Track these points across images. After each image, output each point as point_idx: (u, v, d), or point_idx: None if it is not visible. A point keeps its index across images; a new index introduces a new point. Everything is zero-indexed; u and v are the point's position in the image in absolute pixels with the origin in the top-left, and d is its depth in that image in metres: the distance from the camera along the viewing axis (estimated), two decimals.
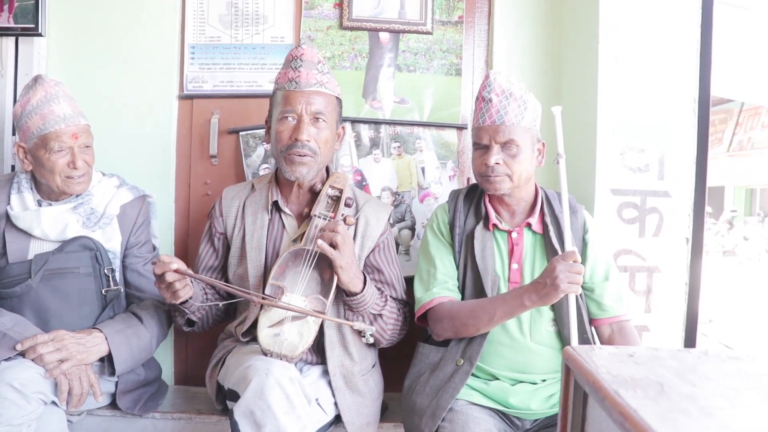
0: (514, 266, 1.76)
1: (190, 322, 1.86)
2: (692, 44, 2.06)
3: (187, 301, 1.68)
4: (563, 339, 1.71)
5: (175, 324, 1.90)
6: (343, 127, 1.91)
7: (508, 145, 1.70)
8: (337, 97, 1.83)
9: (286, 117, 1.74)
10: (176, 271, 1.57)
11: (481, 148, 1.74)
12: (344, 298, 1.75)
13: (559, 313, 1.72)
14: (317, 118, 1.75)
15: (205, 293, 1.84)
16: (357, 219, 1.83)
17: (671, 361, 0.91)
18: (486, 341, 1.70)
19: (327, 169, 1.90)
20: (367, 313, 1.77)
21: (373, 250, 1.85)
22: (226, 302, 1.79)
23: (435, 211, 1.90)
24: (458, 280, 1.79)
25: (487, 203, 1.80)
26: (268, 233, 1.83)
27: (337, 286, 1.69)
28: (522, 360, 1.72)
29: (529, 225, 1.78)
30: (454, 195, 1.88)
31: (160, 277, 1.58)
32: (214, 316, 1.91)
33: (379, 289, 1.83)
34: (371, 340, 1.59)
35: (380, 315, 1.80)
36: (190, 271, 1.60)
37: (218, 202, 1.92)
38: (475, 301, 1.71)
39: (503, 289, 1.74)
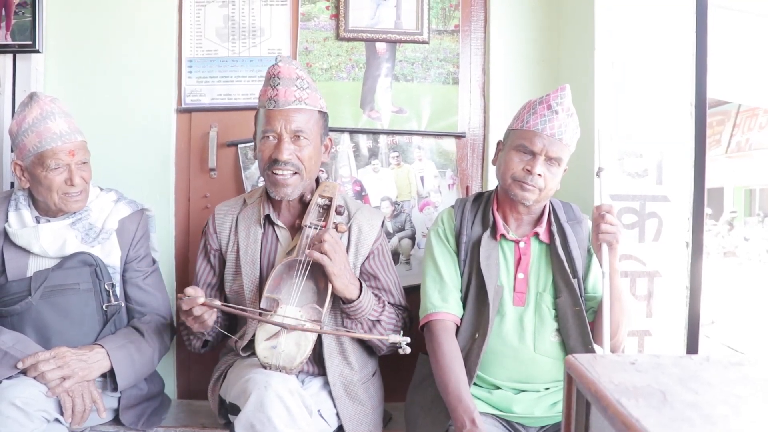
0: (520, 276, 1.74)
1: (205, 343, 1.88)
2: (688, 48, 2.06)
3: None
4: (567, 349, 1.70)
5: (190, 348, 1.90)
6: (330, 139, 1.90)
7: (553, 161, 1.68)
8: (319, 111, 1.81)
9: (267, 136, 1.75)
10: (203, 304, 1.58)
11: (526, 153, 1.69)
12: (341, 306, 1.74)
13: (563, 324, 1.71)
14: (298, 136, 1.74)
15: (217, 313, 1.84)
16: (350, 227, 1.83)
17: (673, 368, 0.90)
18: (487, 352, 1.70)
19: (317, 180, 1.90)
20: (365, 319, 1.76)
21: (368, 257, 1.85)
22: (229, 335, 1.81)
23: (441, 216, 1.87)
24: (462, 289, 1.78)
25: (496, 212, 1.79)
26: (261, 247, 1.83)
27: (334, 294, 1.69)
28: (525, 370, 1.71)
29: (536, 234, 1.76)
30: (461, 203, 1.87)
31: (187, 312, 1.59)
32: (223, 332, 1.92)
33: (376, 295, 1.83)
34: (408, 350, 1.52)
35: (378, 321, 1.79)
36: (217, 302, 1.62)
37: (211, 219, 1.93)
38: (451, 361, 1.64)
39: (507, 300, 1.73)
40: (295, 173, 1.75)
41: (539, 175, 1.67)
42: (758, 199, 16.66)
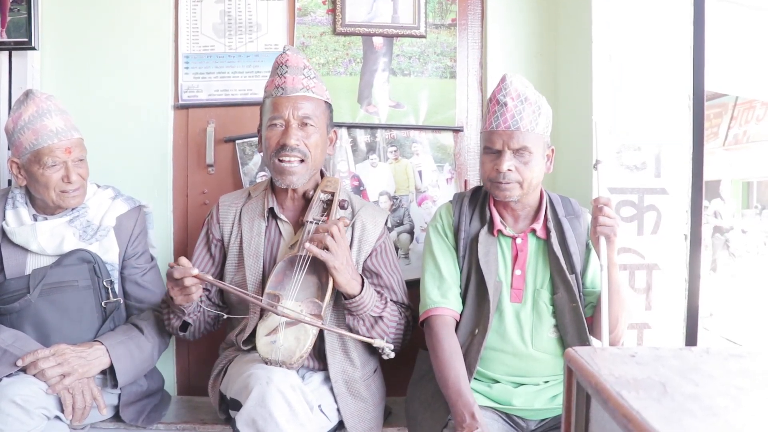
0: (517, 272, 1.74)
1: (183, 326, 1.83)
2: (685, 40, 2.06)
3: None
4: (564, 346, 1.70)
5: (168, 328, 1.86)
6: (335, 132, 1.91)
7: (521, 151, 1.66)
8: (326, 102, 1.82)
9: (275, 123, 1.75)
10: (196, 276, 1.58)
11: (492, 153, 1.69)
12: (343, 302, 1.74)
13: (560, 320, 1.71)
14: (305, 123, 1.75)
15: (200, 299, 1.83)
16: (353, 223, 1.82)
17: (673, 360, 0.91)
18: (486, 348, 1.70)
19: (322, 174, 1.90)
20: (367, 316, 1.76)
21: (370, 254, 1.84)
22: (219, 313, 1.81)
23: (439, 211, 1.87)
24: (461, 285, 1.78)
25: (492, 207, 1.77)
26: (265, 240, 1.83)
27: (335, 289, 1.68)
28: (524, 367, 1.71)
29: (533, 231, 1.75)
30: (459, 198, 1.86)
31: (177, 281, 1.58)
32: (205, 322, 1.89)
33: (379, 293, 1.82)
34: (392, 355, 1.57)
35: (381, 317, 1.78)
36: (210, 277, 1.62)
37: (215, 209, 1.92)
38: (450, 356, 1.64)
39: (505, 296, 1.73)
40: (302, 161, 1.75)
41: (509, 170, 1.66)
42: (756, 191, 16.67)
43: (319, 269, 1.69)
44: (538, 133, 1.69)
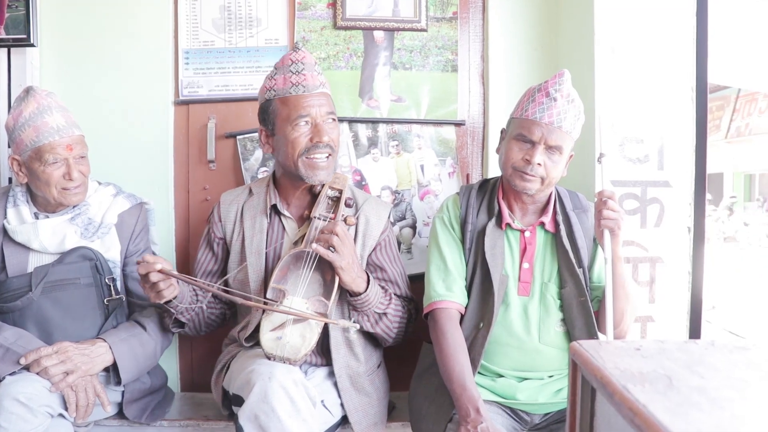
0: (525, 266, 1.73)
1: (178, 323, 1.84)
2: (688, 33, 2.05)
3: (171, 300, 1.67)
4: (571, 339, 1.69)
5: (163, 324, 1.87)
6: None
7: (554, 149, 1.66)
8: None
9: (300, 122, 1.73)
10: (160, 271, 1.55)
11: (525, 142, 1.67)
12: (348, 299, 1.74)
13: (568, 314, 1.71)
14: (331, 119, 1.77)
15: (196, 295, 1.82)
16: (357, 218, 1.82)
17: (678, 353, 0.90)
18: (491, 342, 1.69)
19: None
20: (372, 312, 1.76)
21: (374, 249, 1.85)
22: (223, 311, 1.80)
23: (446, 203, 1.86)
24: (467, 278, 1.77)
25: (501, 201, 1.77)
26: (267, 237, 1.82)
27: (340, 287, 1.68)
28: (529, 360, 1.71)
29: (542, 224, 1.75)
30: (467, 190, 1.85)
31: (144, 277, 1.57)
32: (207, 320, 1.90)
33: (382, 287, 1.82)
34: (353, 332, 1.59)
35: (385, 314, 1.79)
36: (175, 272, 1.59)
37: (217, 207, 1.91)
38: (455, 350, 1.64)
39: (512, 289, 1.72)
40: (329, 155, 1.77)
41: (539, 164, 1.65)
42: (758, 184, 16.65)
43: (324, 267, 1.69)
44: (573, 137, 1.70)
